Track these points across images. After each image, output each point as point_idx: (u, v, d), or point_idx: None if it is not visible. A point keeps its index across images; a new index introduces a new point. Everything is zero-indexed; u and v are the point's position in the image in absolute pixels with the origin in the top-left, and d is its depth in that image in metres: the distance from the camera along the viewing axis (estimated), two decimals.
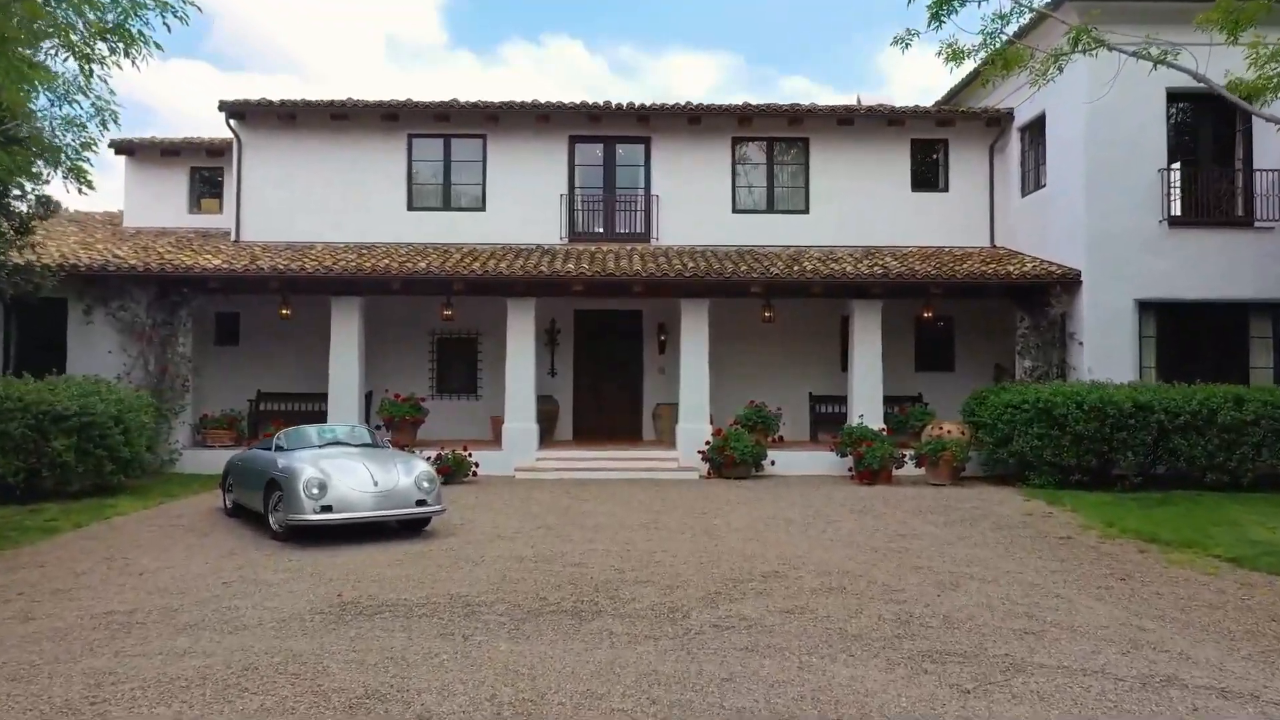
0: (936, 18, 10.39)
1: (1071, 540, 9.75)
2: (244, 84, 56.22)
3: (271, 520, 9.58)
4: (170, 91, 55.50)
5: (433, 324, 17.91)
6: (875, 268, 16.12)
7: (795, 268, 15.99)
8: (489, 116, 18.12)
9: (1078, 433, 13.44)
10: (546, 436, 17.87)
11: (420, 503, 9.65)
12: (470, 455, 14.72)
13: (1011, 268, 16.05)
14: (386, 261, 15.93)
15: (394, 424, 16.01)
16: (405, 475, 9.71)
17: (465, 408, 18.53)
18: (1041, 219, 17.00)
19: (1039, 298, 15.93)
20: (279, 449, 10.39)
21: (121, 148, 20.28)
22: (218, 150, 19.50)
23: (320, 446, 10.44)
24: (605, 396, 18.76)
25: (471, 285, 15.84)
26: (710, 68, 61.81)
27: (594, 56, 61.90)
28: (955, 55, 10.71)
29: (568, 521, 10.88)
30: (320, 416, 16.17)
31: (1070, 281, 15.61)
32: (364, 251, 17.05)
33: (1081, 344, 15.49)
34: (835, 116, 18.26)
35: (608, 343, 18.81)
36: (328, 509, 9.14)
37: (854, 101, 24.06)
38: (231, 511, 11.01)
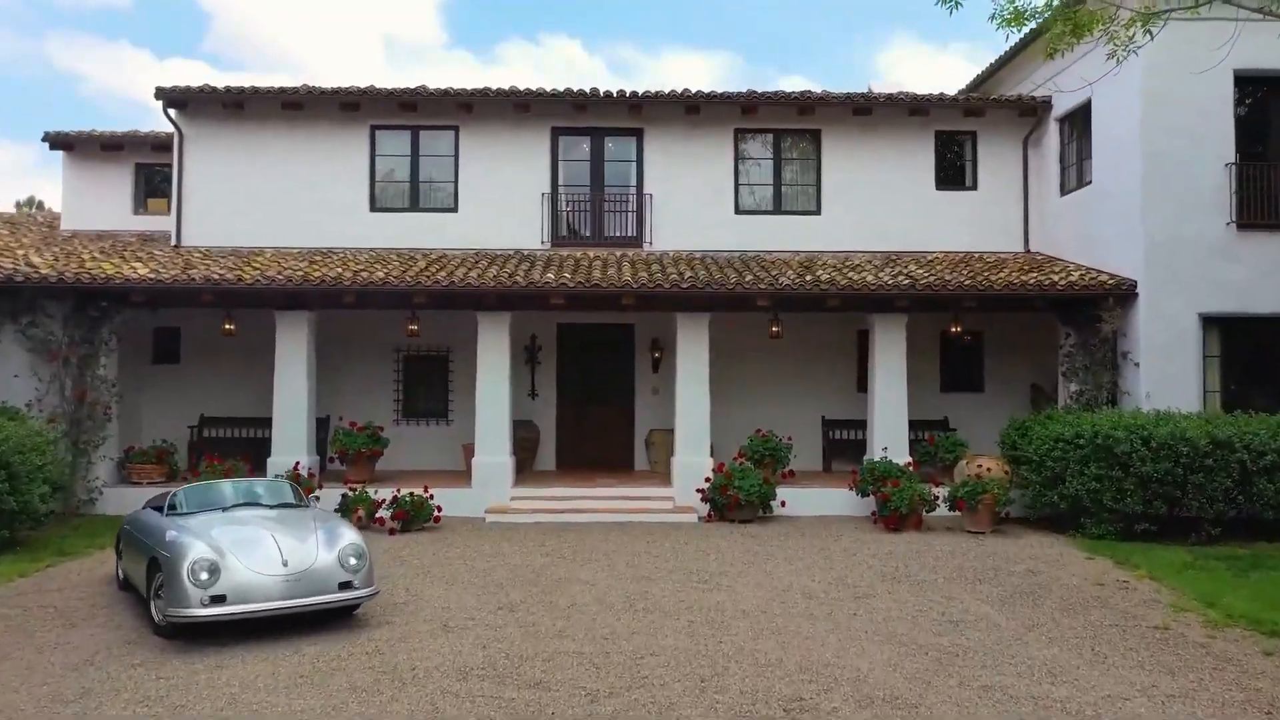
0: None
1: (1170, 633, 7.70)
2: (238, 85, 54.20)
3: (153, 610, 7.52)
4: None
5: (398, 340, 15.87)
6: (899, 277, 14.07)
7: (808, 277, 13.93)
8: (461, 105, 16.06)
9: (1144, 474, 11.40)
10: (526, 467, 15.85)
11: (345, 585, 7.59)
12: (432, 497, 12.66)
13: (1056, 277, 14.01)
14: (339, 270, 13.88)
15: (349, 457, 13.96)
16: (327, 550, 7.65)
17: (434, 434, 16.47)
18: (1086, 221, 14.95)
19: (1087, 312, 13.90)
20: (173, 510, 8.32)
21: (58, 141, 18.27)
22: (164, 145, 17.44)
23: (226, 509, 8.38)
24: (592, 420, 16.70)
25: (436, 298, 13.79)
26: (708, 67, 60.07)
27: (592, 56, 60.22)
28: (1016, 18, 8.67)
29: (536, 596, 8.84)
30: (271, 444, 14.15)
31: (1124, 293, 13.58)
32: (317, 258, 14.99)
33: (1137, 365, 13.45)
34: (851, 105, 16.20)
35: (595, 360, 16.76)
36: (220, 599, 7.08)
37: (867, 88, 22.06)
38: (124, 584, 8.96)
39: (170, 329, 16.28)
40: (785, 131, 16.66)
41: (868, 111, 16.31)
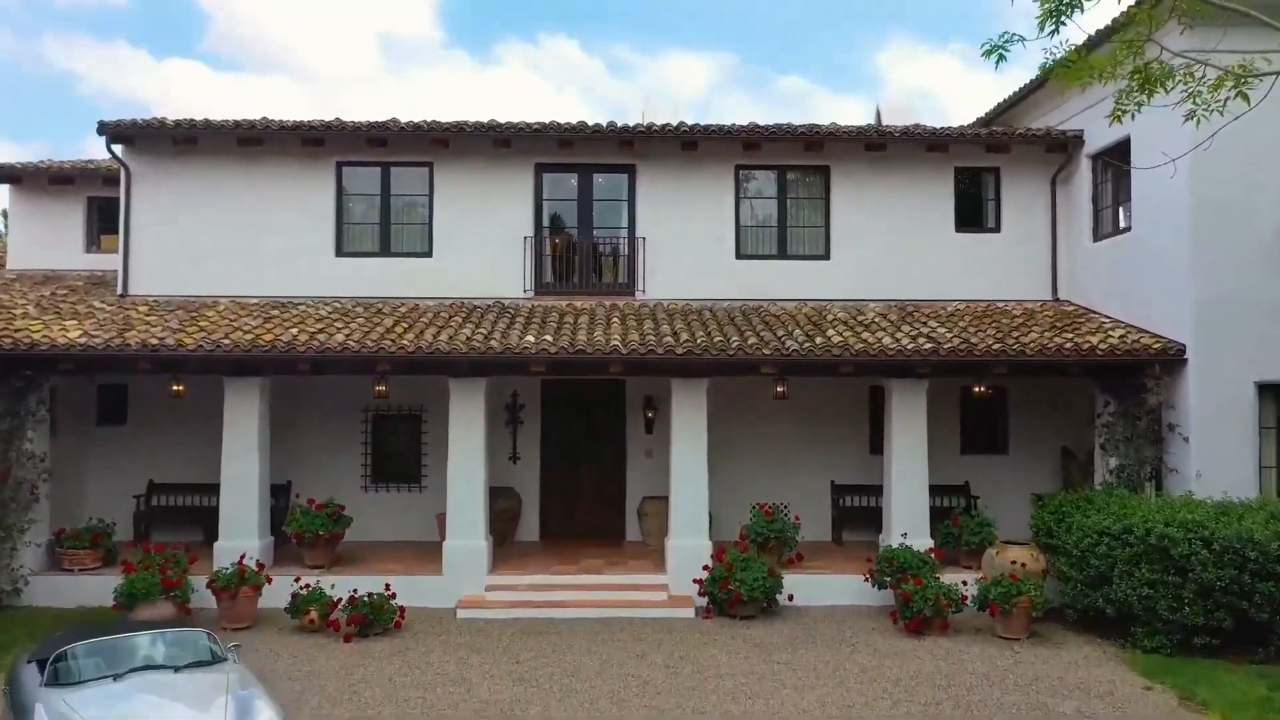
0: (1054, 16, 6.87)
1: None
2: (236, 85, 52.98)
3: None
4: (163, 92, 52.55)
5: (366, 398, 14.42)
6: (920, 339, 12.63)
7: (818, 340, 12.47)
8: (436, 141, 14.61)
9: (1204, 581, 9.96)
10: (506, 538, 14.43)
11: None
12: (394, 596, 11.21)
13: (1093, 339, 12.57)
14: (295, 332, 12.42)
15: (305, 540, 12.51)
16: None
17: (406, 501, 15.01)
18: (1124, 272, 13.51)
19: (1130, 381, 12.47)
20: (54, 679, 6.86)
21: (3, 174, 16.86)
22: (118, 178, 16.00)
23: (119, 676, 6.91)
24: (579, 486, 15.26)
25: (402, 365, 12.35)
26: (706, 67, 58.78)
27: (590, 56, 58.91)
28: (1076, 71, 7.21)
29: None
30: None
31: (1171, 359, 12.15)
32: (275, 312, 13.55)
33: (1186, 440, 12.01)
34: (863, 141, 14.74)
35: (583, 419, 15.31)
36: None
37: (875, 112, 20.67)
38: None
39: (116, 386, 14.84)
40: (791, 168, 15.22)
41: (882, 147, 14.86)
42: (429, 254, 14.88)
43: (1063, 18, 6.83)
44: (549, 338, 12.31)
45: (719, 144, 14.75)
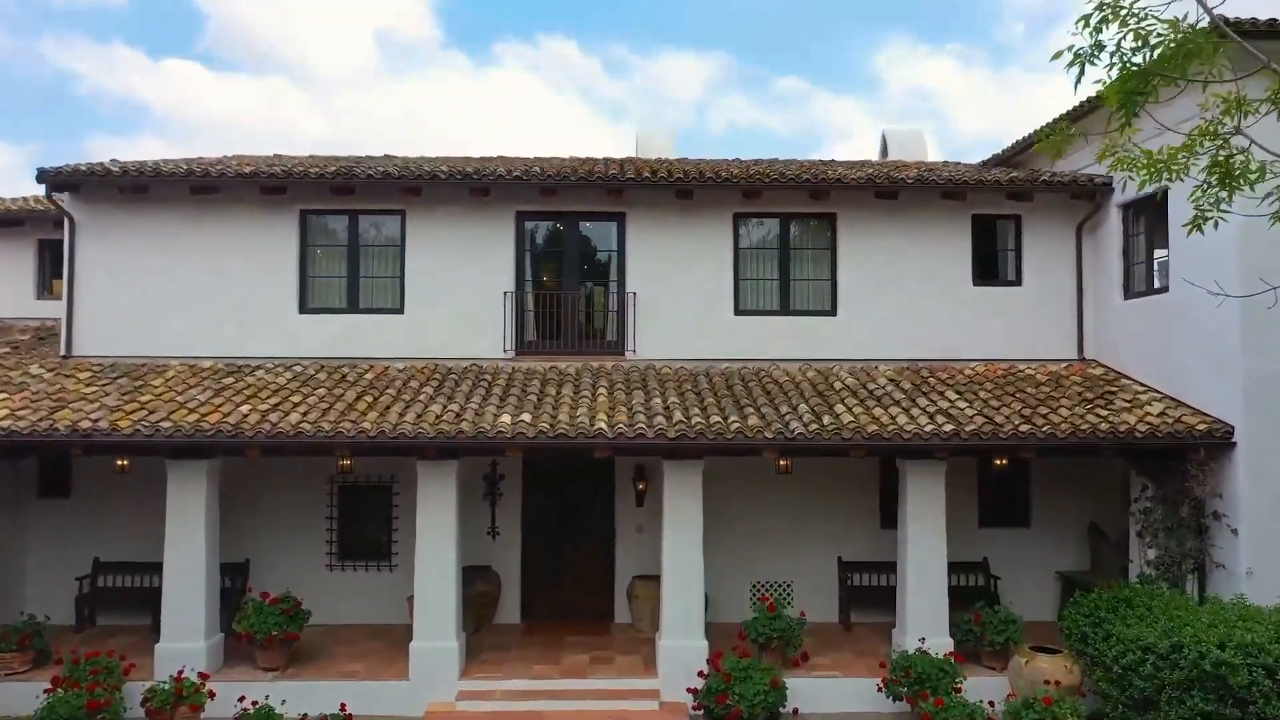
0: (1080, 63, 5.60)
1: None
2: (233, 86, 51.90)
3: None
4: (159, 92, 51.53)
5: (331, 467, 13.15)
6: (938, 415, 11.41)
7: (826, 420, 11.21)
8: (407, 189, 13.40)
9: (1268, 717, 8.75)
10: (484, 623, 13.24)
11: None
12: (350, 718, 9.98)
13: (1130, 417, 11.34)
14: (245, 410, 11.19)
15: (256, 640, 11.27)
16: None
17: (375, 581, 13.78)
18: (1161, 337, 12.29)
19: (1170, 460, 11.27)
20: None
21: None
22: None
23: None
24: (564, 563, 14.03)
25: (364, 449, 11.11)
26: (704, 67, 57.95)
27: (588, 57, 58.05)
28: (1152, 168, 5.94)
29: None
30: None
31: (1219, 442, 10.94)
32: (227, 381, 12.34)
33: (1235, 532, 10.82)
34: (873, 188, 13.52)
35: (568, 492, 14.07)
36: None
37: (880, 140, 19.54)
38: None
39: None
40: (795, 216, 14.02)
41: (893, 195, 13.65)
42: (400, 310, 13.68)
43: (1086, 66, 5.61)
44: (527, 417, 11.08)
45: (716, 191, 13.55)
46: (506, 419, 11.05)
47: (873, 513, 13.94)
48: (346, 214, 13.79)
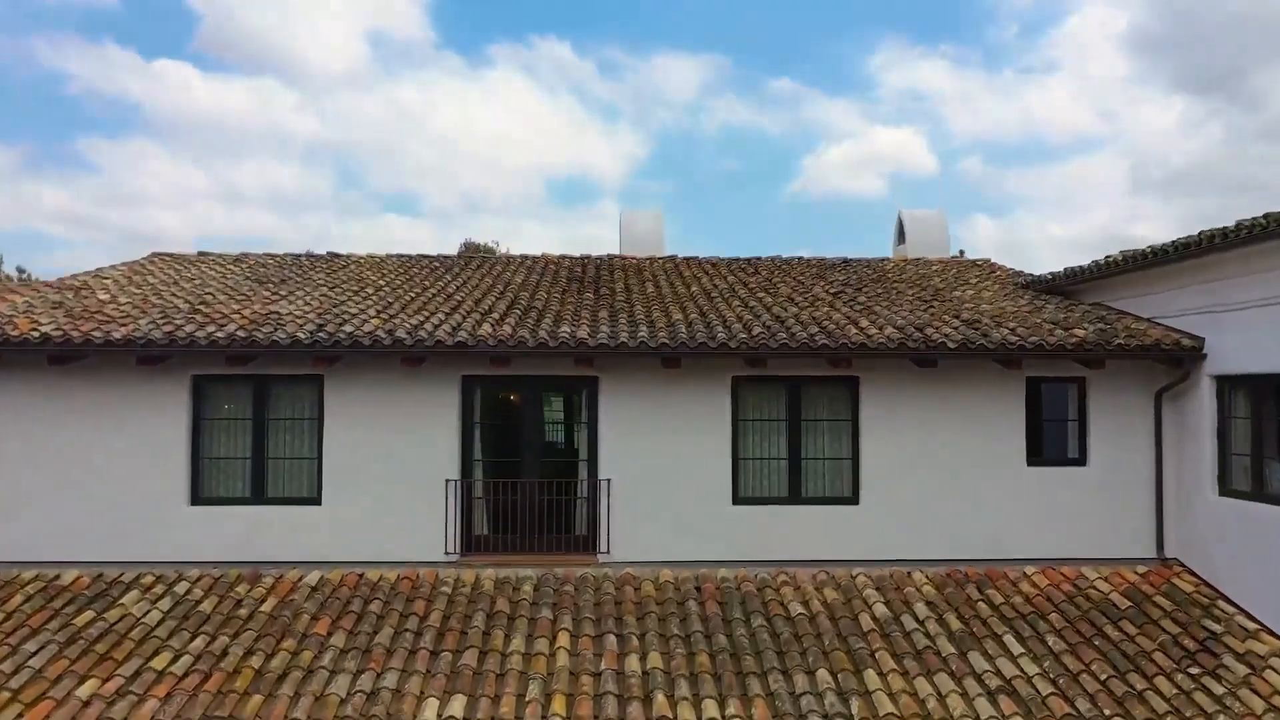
0: None
1: None
2: (224, 87, 49.73)
3: None
4: (151, 93, 49.42)
5: None
6: (1000, 696, 8.71)
7: (857, 710, 8.49)
8: (321, 359, 10.70)
9: None
10: None
11: None
12: None
13: (1244, 667, 8.66)
14: (82, 695, 8.45)
15: None
16: None
17: None
18: (1269, 552, 9.63)
19: None
20: None
21: None
22: None
23: None
24: None
25: None
26: (699, 68, 56.31)
27: (582, 58, 56.14)
28: None
29: None
30: None
31: None
32: (88, 613, 9.62)
33: None
34: (905, 353, 10.81)
35: None
36: None
37: (897, 222, 17.28)
38: None
39: None
40: (807, 380, 11.34)
41: (932, 363, 10.98)
42: (316, 500, 10.99)
43: None
44: (458, 709, 8.32)
45: (709, 357, 10.86)
46: (434, 698, 8.34)
47: None
48: (251, 378, 11.08)
